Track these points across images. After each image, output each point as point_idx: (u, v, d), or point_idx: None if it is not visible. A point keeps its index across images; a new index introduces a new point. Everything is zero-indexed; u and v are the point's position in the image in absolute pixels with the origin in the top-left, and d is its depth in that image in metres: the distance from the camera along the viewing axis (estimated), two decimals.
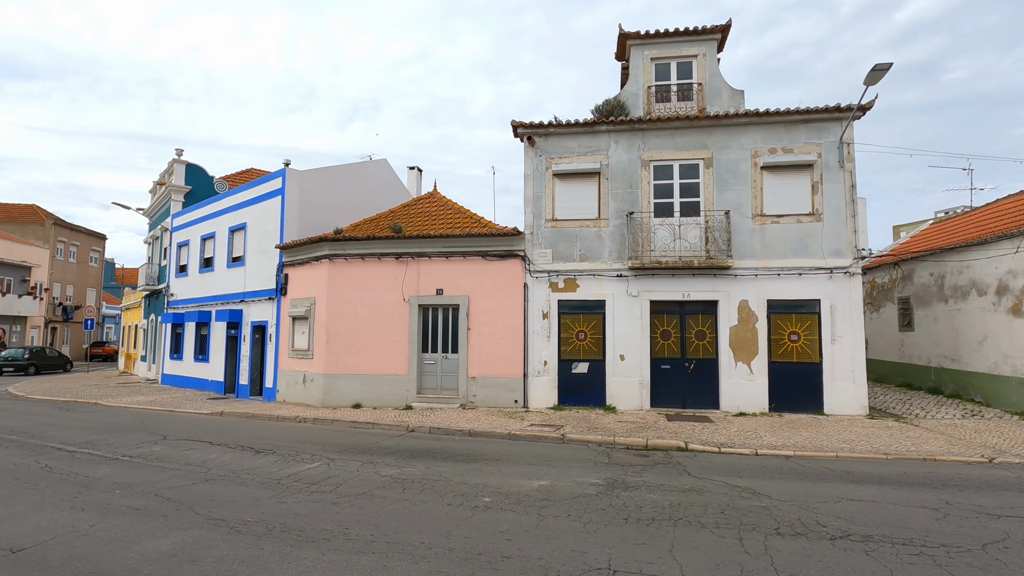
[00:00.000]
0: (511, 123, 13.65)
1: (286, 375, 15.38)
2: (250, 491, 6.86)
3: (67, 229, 43.46)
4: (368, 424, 11.70)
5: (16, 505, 6.30)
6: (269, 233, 16.67)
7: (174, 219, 22.48)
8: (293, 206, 16.30)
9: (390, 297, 14.08)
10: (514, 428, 10.74)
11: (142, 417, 13.44)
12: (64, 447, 9.75)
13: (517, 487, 6.94)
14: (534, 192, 13.71)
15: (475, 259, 13.82)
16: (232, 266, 18.29)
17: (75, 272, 44.15)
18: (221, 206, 19.32)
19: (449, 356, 13.84)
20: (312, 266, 14.92)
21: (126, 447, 9.76)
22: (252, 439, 10.42)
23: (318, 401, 14.23)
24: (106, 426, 12.03)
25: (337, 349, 14.19)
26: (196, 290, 20.32)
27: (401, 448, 9.49)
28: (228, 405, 14.97)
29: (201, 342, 19.75)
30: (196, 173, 23.52)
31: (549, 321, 13.35)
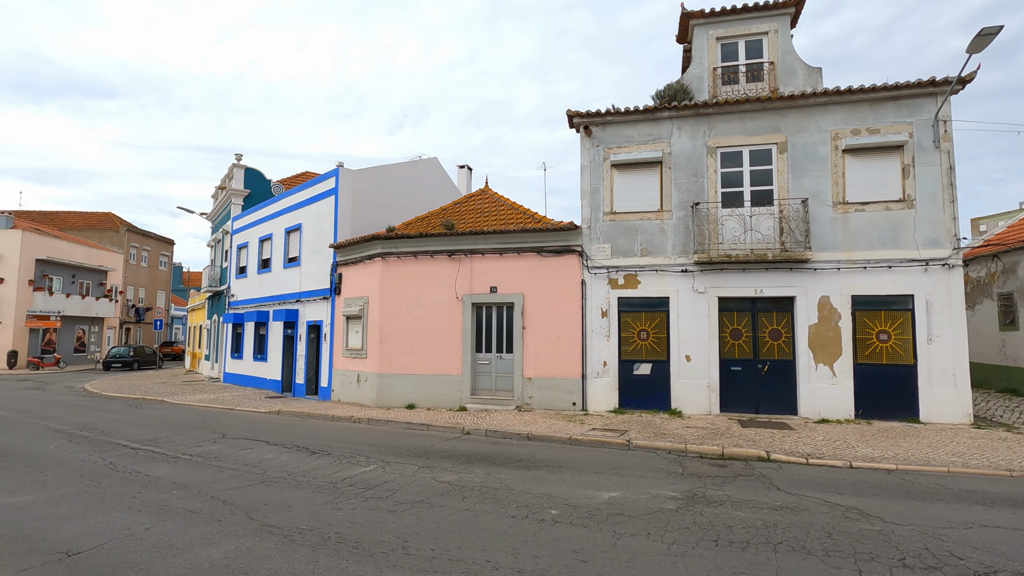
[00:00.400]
0: (567, 113, 13.05)
1: (340, 374, 15.35)
2: (305, 495, 6.58)
3: (139, 235, 45.94)
4: (422, 426, 11.38)
5: (78, 504, 6.24)
6: (323, 233, 16.73)
7: (234, 222, 23.10)
8: (346, 206, 16.29)
9: (443, 296, 13.76)
10: (574, 432, 10.13)
11: (203, 415, 13.65)
12: (129, 444, 9.88)
13: (585, 499, 6.35)
14: (591, 184, 13.06)
15: (530, 255, 13.31)
16: (288, 267, 18.52)
17: (146, 276, 46.62)
18: (277, 208, 19.64)
19: (504, 356, 13.37)
20: (365, 265, 14.81)
21: (187, 445, 9.79)
22: (308, 439, 10.28)
23: (372, 401, 14.07)
24: (170, 423, 12.23)
25: (390, 349, 13.99)
26: (255, 291, 20.75)
27: (457, 452, 9.07)
28: (285, 404, 15.05)
29: (259, 342, 20.13)
30: (254, 177, 24.13)
31: (608, 320, 12.66)
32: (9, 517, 5.80)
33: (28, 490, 6.86)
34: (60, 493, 6.69)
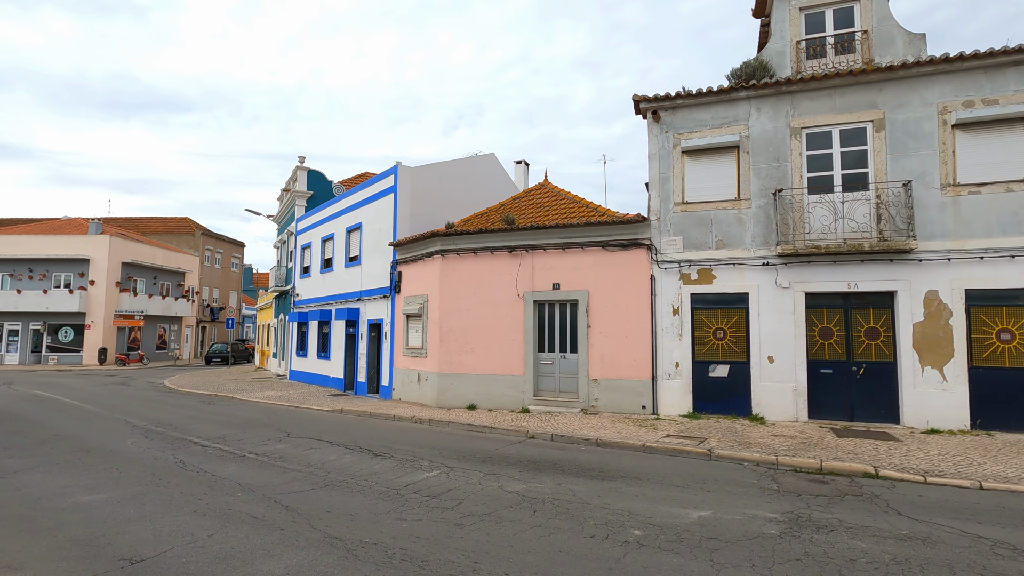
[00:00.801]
0: (633, 98, 12.29)
1: (401, 373, 15.22)
2: (368, 502, 6.26)
3: (213, 238, 48.43)
4: (485, 428, 10.97)
5: (146, 504, 6.18)
6: (383, 232, 16.70)
7: (297, 223, 23.66)
8: (405, 203, 16.16)
9: (504, 293, 13.32)
10: (648, 439, 9.41)
11: (270, 413, 13.84)
12: (200, 441, 10.01)
13: (672, 518, 5.68)
14: (660, 173, 12.24)
15: (594, 250, 12.64)
16: (349, 266, 18.67)
17: (219, 277, 49.10)
18: (338, 208, 19.86)
19: (568, 356, 12.78)
20: (424, 263, 14.59)
21: (253, 443, 9.81)
22: (370, 440, 10.09)
23: (432, 401, 13.83)
24: (238, 421, 12.43)
25: (450, 348, 13.70)
26: (318, 290, 21.11)
27: (523, 458, 8.57)
28: (347, 403, 15.09)
29: (323, 340, 20.45)
30: (317, 179, 24.65)
31: (680, 317, 11.81)
32: (81, 516, 5.78)
33: (103, 487, 6.92)
34: (131, 492, 6.69)
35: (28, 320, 33.88)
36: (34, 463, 8.31)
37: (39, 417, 12.98)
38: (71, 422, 12.25)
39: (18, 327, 33.93)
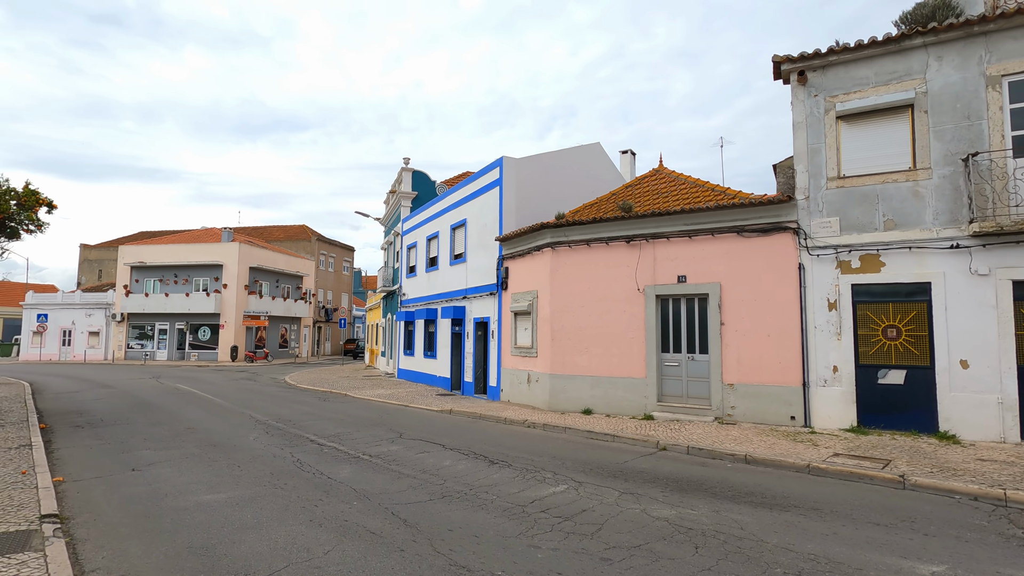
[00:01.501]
0: (773, 60, 10.63)
1: (509, 374, 14.54)
2: (493, 520, 5.47)
3: (326, 244, 51.50)
4: (607, 436, 9.89)
5: (263, 509, 5.83)
6: (488, 227, 16.16)
7: (403, 223, 23.98)
8: (510, 196, 15.49)
9: (621, 287, 12.15)
10: (811, 458, 7.84)
11: (381, 411, 13.72)
12: (316, 439, 9.88)
13: (892, 572, 4.29)
14: (808, 144, 10.45)
15: (727, 237, 11.10)
16: (454, 263, 18.39)
17: (333, 280, 52.10)
18: (443, 206, 19.70)
19: (696, 357, 11.34)
20: (533, 257, 13.79)
21: (367, 443, 9.50)
22: (484, 445, 9.40)
23: (544, 404, 12.97)
24: (352, 419, 12.35)
25: (563, 347, 12.76)
26: (424, 289, 21.14)
27: (660, 474, 7.40)
28: (455, 403, 14.67)
29: (429, 339, 20.40)
30: (421, 179, 24.90)
31: (839, 313, 9.96)
32: (201, 519, 5.52)
33: (224, 486, 6.75)
34: (249, 493, 6.43)
35: (174, 320, 37.78)
36: (167, 456, 8.50)
37: (177, 410, 13.80)
38: (203, 415, 12.83)
39: (166, 327, 37.95)
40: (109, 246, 55.55)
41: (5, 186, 11.82)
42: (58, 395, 17.05)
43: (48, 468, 7.55)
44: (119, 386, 19.82)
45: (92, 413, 13.17)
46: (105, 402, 15.24)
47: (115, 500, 6.22)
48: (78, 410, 13.72)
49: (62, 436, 10.29)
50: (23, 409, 13.20)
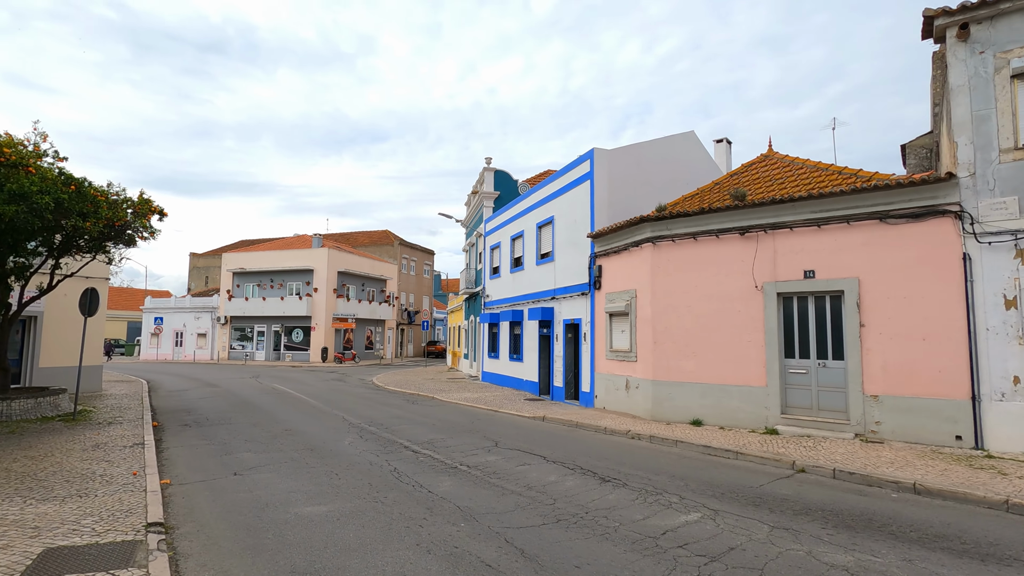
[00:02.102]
0: (924, 14, 9.03)
1: (604, 379, 13.59)
2: (623, 556, 4.64)
3: (408, 248, 52.71)
4: (727, 452, 8.74)
5: (366, 527, 5.34)
6: (578, 223, 15.32)
7: (486, 224, 23.64)
8: (602, 190, 14.57)
9: (734, 284, 10.89)
10: (1007, 491, 6.34)
11: (471, 416, 13.24)
12: (410, 446, 9.48)
13: None
14: (973, 111, 8.77)
15: (867, 224, 9.58)
16: (541, 263, 17.69)
17: (414, 283, 53.23)
18: (528, 204, 19.08)
19: (828, 364, 9.89)
20: (630, 253, 12.79)
21: (463, 452, 8.96)
22: (588, 457, 8.57)
23: (645, 412, 11.92)
24: (443, 424, 11.93)
25: (666, 351, 11.66)
26: (508, 290, 20.62)
27: (810, 503, 6.23)
28: (546, 409, 13.93)
29: (514, 341, 19.84)
30: (503, 179, 24.48)
31: (1019, 312, 8.23)
32: (303, 536, 5.10)
33: (324, 497, 6.38)
34: (350, 507, 6.00)
35: (270, 323, 39.92)
36: (266, 459, 8.36)
37: (275, 410, 14.05)
38: (299, 417, 12.92)
39: (264, 329, 40.17)
40: (214, 254, 60.05)
41: (121, 195, 12.47)
42: (170, 393, 18.07)
43: (157, 468, 7.59)
44: (222, 385, 20.83)
45: (198, 412, 13.66)
46: (210, 401, 15.88)
47: (218, 508, 5.99)
48: (186, 408, 14.31)
49: (171, 434, 10.57)
50: (139, 407, 13.93)
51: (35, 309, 16.06)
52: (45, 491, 6.32)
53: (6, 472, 7.12)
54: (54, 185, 10.64)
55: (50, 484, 6.61)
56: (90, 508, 5.75)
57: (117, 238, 12.81)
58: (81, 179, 11.34)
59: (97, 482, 6.76)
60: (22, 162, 10.56)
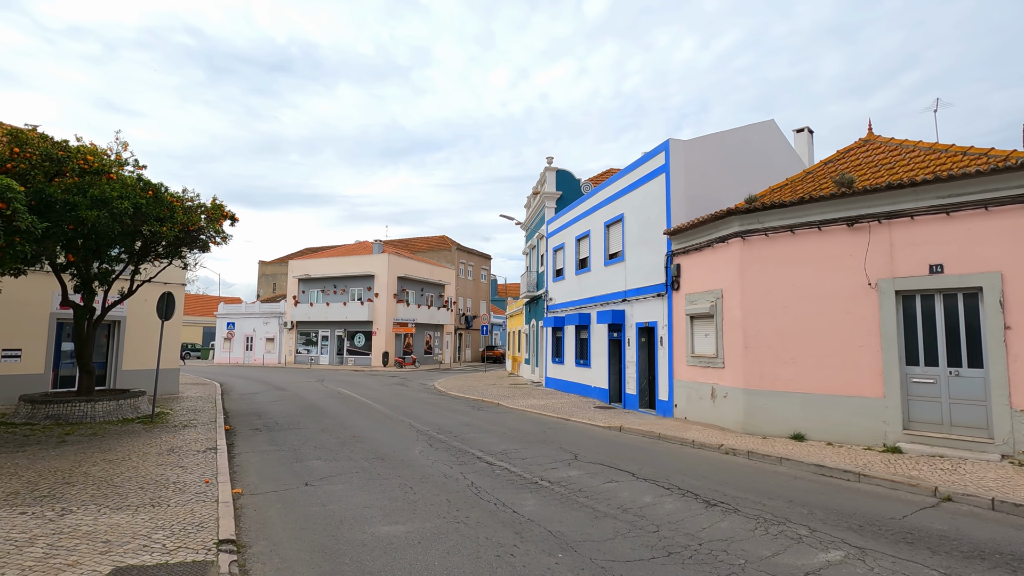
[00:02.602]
0: None
1: (685, 387, 12.56)
2: None
3: (465, 252, 52.80)
4: (847, 473, 7.61)
5: (452, 555, 4.72)
6: (652, 220, 14.36)
7: (548, 225, 22.95)
8: (679, 183, 13.56)
9: (841, 282, 9.68)
10: None
11: (542, 425, 12.53)
12: (483, 456, 8.88)
13: None
14: None
15: (1009, 210, 8.21)
16: (610, 263, 16.81)
17: (471, 288, 53.23)
18: (594, 202, 18.25)
19: (963, 373, 8.53)
20: (715, 250, 11.74)
21: (541, 465, 8.27)
22: (682, 475, 7.67)
23: (736, 424, 10.83)
24: (514, 433, 11.29)
25: (760, 356, 10.54)
26: (573, 293, 19.83)
27: (980, 543, 5.12)
28: (620, 418, 13.03)
29: (581, 346, 19.00)
30: (565, 178, 23.74)
31: None
32: (383, 564, 4.54)
33: (401, 514, 5.84)
34: (431, 527, 5.42)
35: (334, 328, 40.78)
36: (337, 468, 7.97)
37: (342, 415, 13.86)
38: (366, 423, 12.63)
39: (328, 333, 41.09)
40: (281, 262, 62.45)
41: (196, 201, 12.63)
42: (241, 396, 18.38)
43: (229, 476, 7.33)
44: (291, 389, 21.10)
45: (268, 416, 13.65)
46: (279, 405, 15.95)
47: (291, 524, 5.56)
48: (256, 412, 14.37)
49: (243, 439, 10.46)
50: (213, 410, 14.08)
51: (119, 314, 16.70)
52: (120, 498, 6.11)
53: (84, 477, 7.02)
54: (133, 191, 10.81)
55: (125, 491, 6.42)
56: (162, 520, 5.45)
57: (192, 243, 13.00)
58: (158, 184, 11.51)
59: (170, 490, 6.52)
60: (104, 169, 10.79)
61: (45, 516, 5.45)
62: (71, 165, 10.24)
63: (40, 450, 8.62)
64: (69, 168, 10.23)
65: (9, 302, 14.58)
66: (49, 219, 9.56)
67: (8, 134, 9.80)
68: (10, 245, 8.63)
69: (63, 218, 9.68)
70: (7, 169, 9.56)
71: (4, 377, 14.50)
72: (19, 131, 9.90)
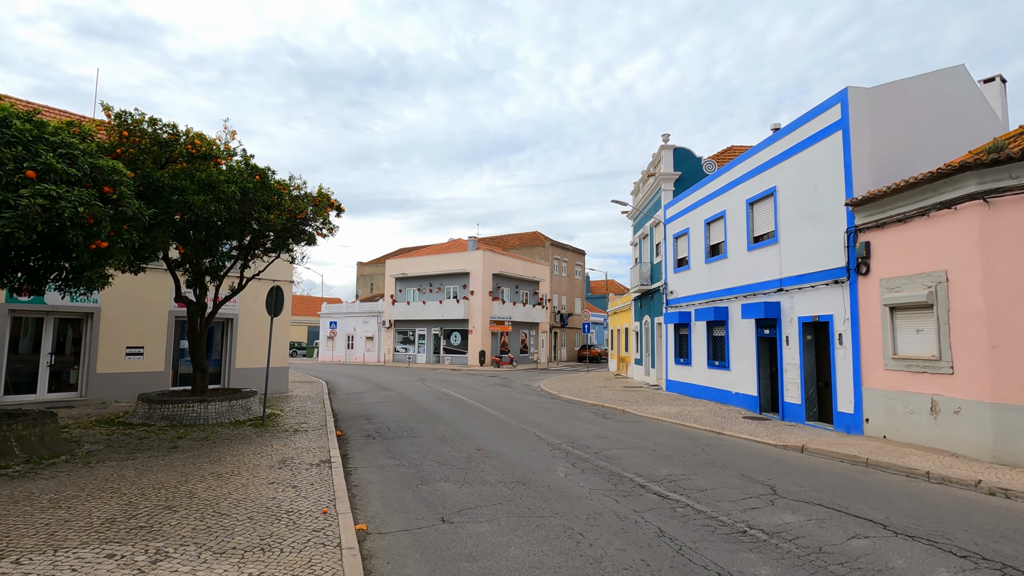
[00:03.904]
0: None
1: (883, 397, 9.88)
2: None
3: (559, 248, 50.97)
4: None
5: None
6: (819, 191, 11.71)
7: (666, 210, 20.52)
8: (862, 143, 10.86)
9: None
10: None
11: (692, 440, 10.38)
12: (647, 484, 6.97)
13: None
14: None
15: None
16: (756, 247, 14.23)
17: (565, 284, 51.29)
18: (729, 179, 15.70)
19: None
20: (930, 221, 9.02)
21: (732, 502, 6.23)
22: (963, 531, 5.32)
23: (980, 450, 8.11)
24: (665, 450, 9.27)
25: (1015, 360, 7.76)
26: (702, 284, 17.35)
27: None
28: (789, 434, 10.59)
29: (715, 345, 16.50)
30: (684, 157, 21.16)
31: None
32: None
33: None
34: None
35: (430, 326, 40.53)
36: (473, 496, 6.38)
37: (456, 421, 12.49)
38: (486, 431, 11.13)
39: (424, 332, 40.92)
40: (378, 262, 64.03)
41: (303, 189, 11.78)
42: (348, 396, 17.73)
43: (348, 501, 5.97)
44: (394, 388, 20.32)
45: (379, 419, 12.58)
46: (388, 407, 14.96)
47: None
48: (366, 415, 13.38)
49: (356, 448, 9.28)
50: (322, 411, 13.28)
51: (231, 312, 16.53)
52: (225, 534, 4.86)
53: (189, 498, 5.93)
54: (240, 176, 10.00)
55: (231, 522, 5.19)
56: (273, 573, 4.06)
57: (299, 236, 12.22)
58: (265, 169, 10.69)
59: (283, 523, 5.21)
60: (212, 154, 10.06)
61: (135, 562, 4.24)
62: (179, 149, 9.55)
63: (150, 458, 7.83)
64: (177, 152, 9.55)
65: (131, 300, 14.66)
66: (157, 205, 8.85)
67: (116, 116, 9.23)
68: (118, 234, 7.89)
69: (171, 204, 8.95)
70: (116, 155, 8.98)
71: (128, 375, 14.60)
72: (127, 114, 9.31)
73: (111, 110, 9.28)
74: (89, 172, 7.37)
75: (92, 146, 7.71)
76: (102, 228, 7.40)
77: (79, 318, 14.14)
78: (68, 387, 14.09)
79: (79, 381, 14.07)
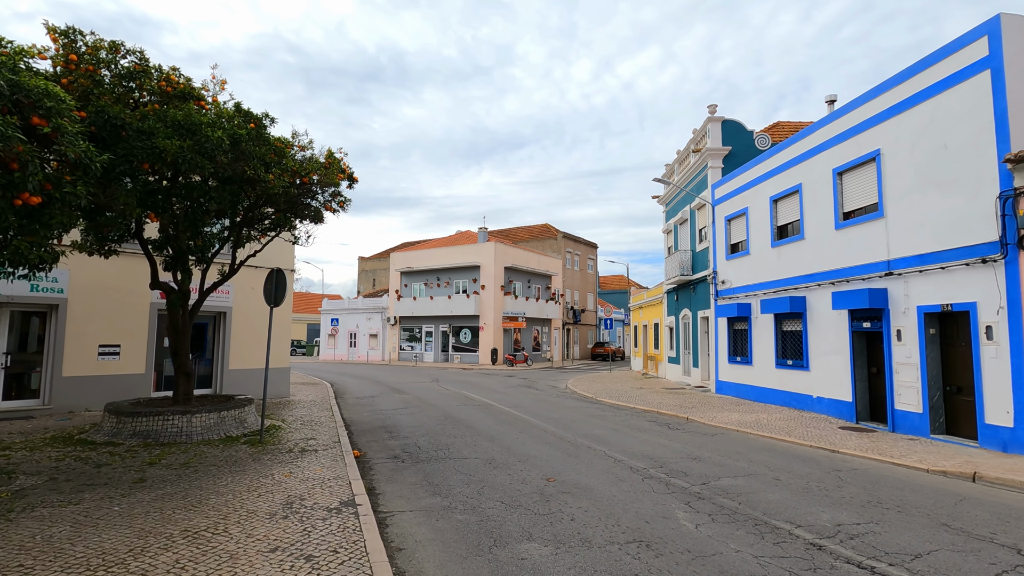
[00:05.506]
0: None
1: None
2: None
3: (571, 241, 48.63)
4: None
5: None
6: (954, 149, 9.44)
7: (715, 189, 18.22)
8: (1019, 83, 8.58)
9: None
10: None
11: (804, 460, 8.09)
12: (815, 539, 4.69)
13: None
14: None
15: None
16: (846, 224, 11.95)
17: (578, 279, 48.98)
18: (807, 146, 13.41)
19: None
20: None
21: None
22: None
23: None
24: (786, 476, 6.98)
25: None
26: (765, 271, 15.07)
27: None
28: (926, 452, 8.34)
29: (786, 340, 14.23)
30: (734, 131, 18.83)
31: None
32: None
33: None
34: None
35: (438, 323, 38.21)
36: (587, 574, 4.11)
37: (498, 434, 10.17)
38: (541, 449, 8.83)
39: (432, 329, 38.60)
40: (380, 257, 61.64)
41: (310, 151, 9.48)
42: (358, 401, 15.44)
43: None
44: (409, 391, 18.02)
45: (402, 433, 10.28)
46: (408, 415, 12.66)
47: None
48: (385, 426, 11.09)
49: (384, 477, 6.99)
50: (331, 421, 11.01)
51: (223, 304, 14.23)
52: None
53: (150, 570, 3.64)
54: (229, 121, 7.68)
55: None
56: None
57: (303, 210, 9.92)
58: (261, 116, 8.35)
59: None
60: (192, 94, 7.73)
61: None
62: (148, 84, 7.22)
63: (103, 500, 5.55)
64: (146, 87, 7.22)
65: (104, 290, 12.32)
66: (115, 152, 6.52)
67: (63, 34, 6.86)
68: (56, 186, 5.58)
69: (134, 151, 6.61)
70: (62, 86, 6.65)
71: (101, 378, 12.28)
72: (76, 32, 6.93)
73: (56, 30, 6.93)
74: (7, 92, 5.06)
75: (14, 60, 5.39)
76: (29, 175, 5.11)
77: (42, 311, 11.84)
78: (30, 393, 11.81)
79: (41, 386, 11.77)
